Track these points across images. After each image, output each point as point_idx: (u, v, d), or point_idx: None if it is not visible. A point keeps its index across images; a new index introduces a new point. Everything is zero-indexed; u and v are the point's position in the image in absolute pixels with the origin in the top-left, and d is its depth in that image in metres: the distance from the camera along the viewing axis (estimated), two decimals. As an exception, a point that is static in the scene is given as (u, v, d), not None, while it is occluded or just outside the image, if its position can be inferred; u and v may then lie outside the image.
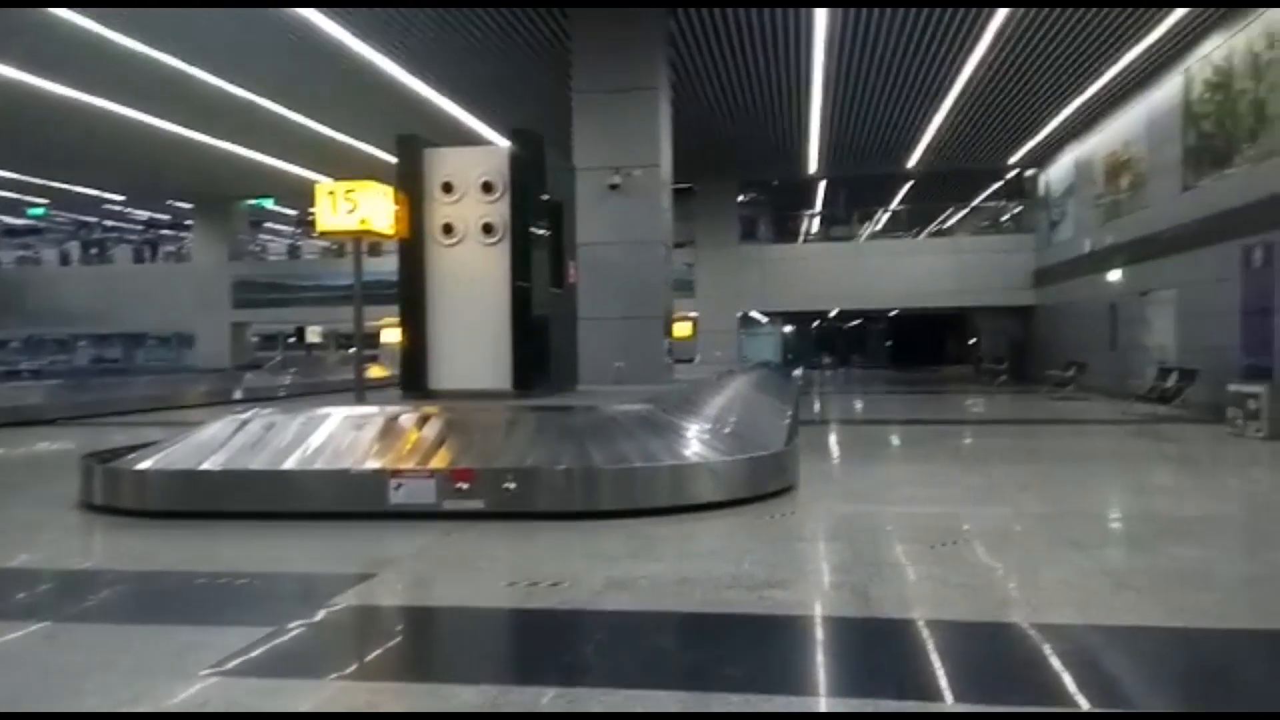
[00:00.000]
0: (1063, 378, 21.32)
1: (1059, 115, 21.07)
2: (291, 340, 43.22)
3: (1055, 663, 3.91)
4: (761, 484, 7.95)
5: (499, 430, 8.03)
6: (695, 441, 8.28)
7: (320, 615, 4.76)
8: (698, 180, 28.09)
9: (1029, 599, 4.95)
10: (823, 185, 31.34)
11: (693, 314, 29.09)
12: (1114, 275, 20.42)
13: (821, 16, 14.24)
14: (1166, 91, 17.38)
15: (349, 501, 7.31)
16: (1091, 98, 19.43)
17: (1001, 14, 14.22)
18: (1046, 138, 23.34)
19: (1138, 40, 15.82)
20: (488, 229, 9.94)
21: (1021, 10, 14.05)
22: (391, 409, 8.44)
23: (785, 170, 27.54)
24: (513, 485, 7.17)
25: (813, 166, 26.23)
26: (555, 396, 9.94)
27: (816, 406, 20.04)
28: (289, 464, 7.61)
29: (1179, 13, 14.45)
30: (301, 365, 32.56)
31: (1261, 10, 13.62)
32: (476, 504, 7.17)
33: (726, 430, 9.23)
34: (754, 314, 35.73)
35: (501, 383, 9.82)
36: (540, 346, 10.15)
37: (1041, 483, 8.98)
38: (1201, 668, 4.04)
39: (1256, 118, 14.01)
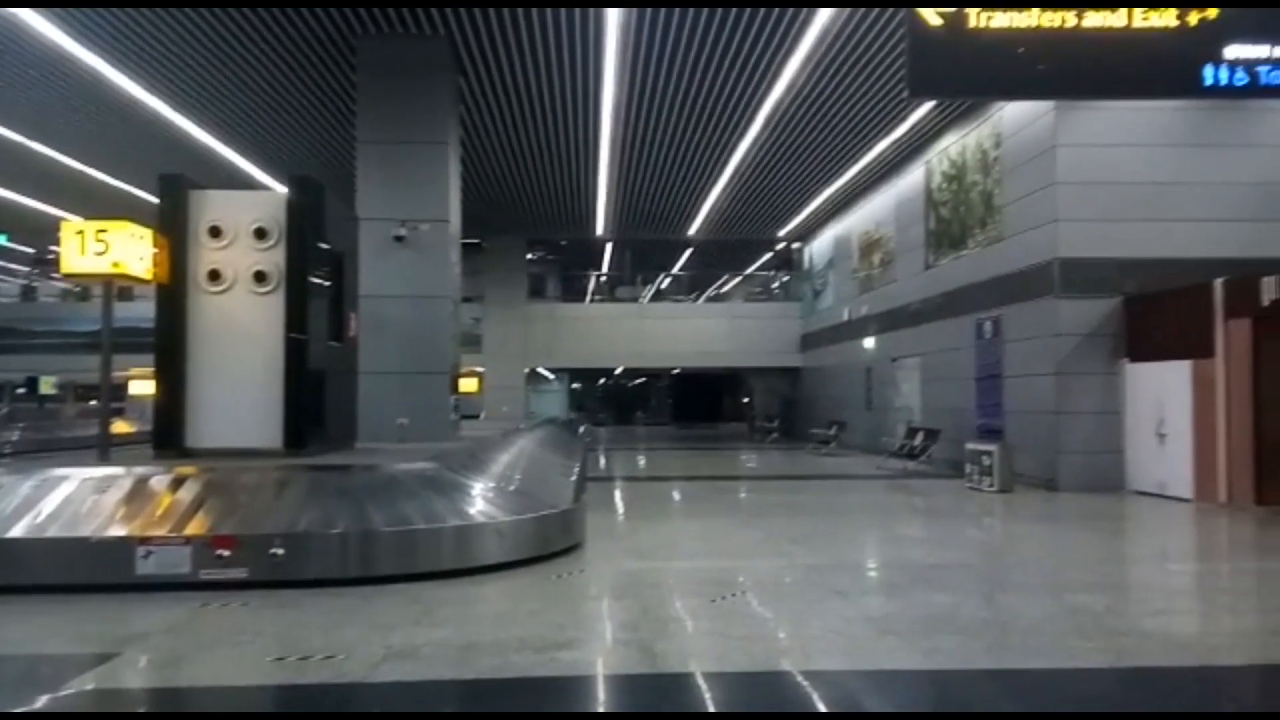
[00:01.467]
0: (826, 435, 22.90)
1: (821, 195, 22.97)
2: (21, 390, 38.41)
3: (823, 708, 4.11)
4: (549, 542, 7.89)
5: (267, 492, 7.48)
6: (481, 500, 8.11)
7: (45, 702, 4.17)
8: (487, 235, 28.07)
9: (801, 647, 5.19)
10: (610, 247, 32.27)
11: (479, 369, 28.77)
12: (869, 342, 22.31)
13: (610, 87, 14.79)
14: (911, 179, 19.43)
15: (88, 573, 6.52)
16: (849, 181, 21.37)
17: (771, 99, 15.38)
18: (810, 214, 25.36)
19: (887, 133, 17.62)
20: (260, 277, 9.37)
21: (790, 98, 15.28)
22: (141, 469, 7.65)
23: (574, 230, 28.13)
24: (281, 551, 6.69)
25: (600, 228, 27.00)
26: (331, 455, 9.43)
27: (602, 463, 20.28)
28: (15, 531, 6.70)
29: (923, 109, 16.25)
30: (33, 419, 28.95)
31: (992, 112, 15.59)
32: (239, 573, 6.62)
33: (513, 488, 9.12)
34: (542, 370, 35.88)
35: (270, 440, 9.19)
36: (315, 402, 9.63)
37: (810, 535, 9.52)
38: (953, 705, 4.39)
39: (985, 207, 15.94)
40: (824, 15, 12.07)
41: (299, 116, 16.62)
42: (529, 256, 31.19)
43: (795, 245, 30.32)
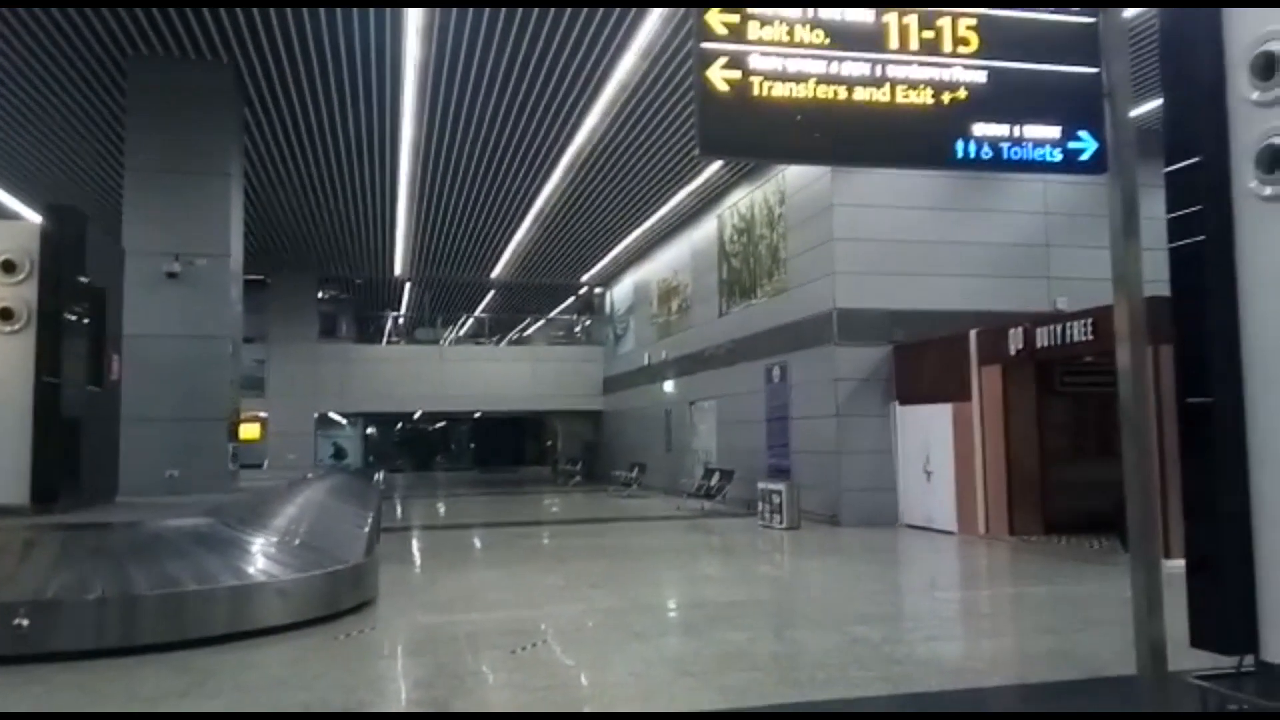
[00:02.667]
0: (627, 477, 23.24)
1: (622, 242, 23.57)
2: None
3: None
4: (338, 600, 7.46)
5: (9, 554, 6.63)
6: (261, 557, 7.57)
7: None
8: (275, 272, 26.61)
9: (601, 694, 5.18)
10: (409, 287, 31.46)
11: (263, 414, 27.02)
12: (668, 385, 22.97)
13: (408, 126, 14.53)
14: (706, 230, 20.33)
15: None
16: (649, 229, 22.06)
17: (573, 148, 15.67)
18: (612, 260, 25.93)
19: (683, 185, 18.38)
20: (6, 314, 8.40)
21: (591, 147, 15.62)
22: None
23: (370, 269, 27.23)
24: (25, 622, 5.93)
25: (399, 268, 26.27)
26: (87, 511, 8.51)
27: (399, 511, 19.52)
28: None
29: (715, 166, 17.09)
30: None
31: (777, 171, 16.61)
32: (-30, 650, 5.80)
33: (298, 542, 8.58)
34: (334, 415, 34.19)
35: (15, 496, 8.19)
36: (70, 452, 8.68)
37: (611, 579, 9.57)
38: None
39: (772, 259, 16.91)
40: (623, 69, 12.48)
41: (60, 140, 15.16)
42: (320, 295, 29.80)
43: (598, 290, 30.85)
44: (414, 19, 10.97)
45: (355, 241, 23.11)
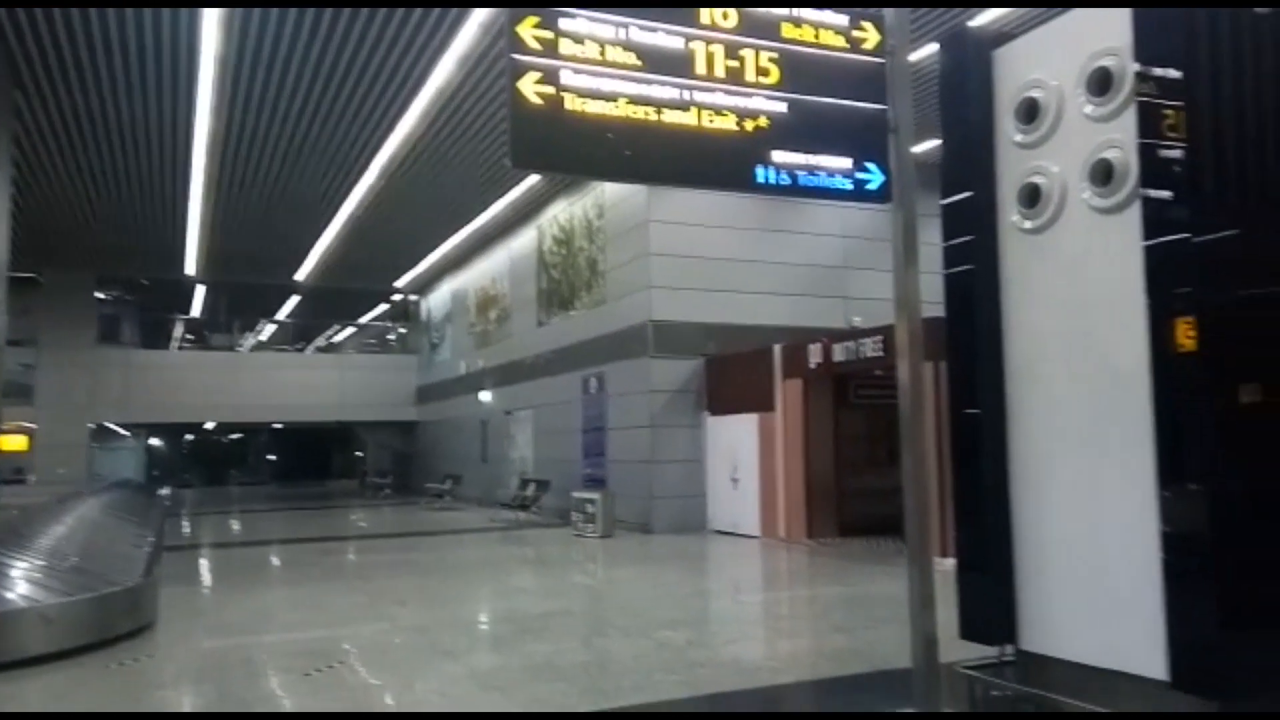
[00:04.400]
0: (441, 489, 22.70)
1: (439, 249, 23.08)
2: None
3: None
4: (112, 625, 6.84)
5: None
6: (21, 581, 6.83)
7: None
8: (47, 269, 24.15)
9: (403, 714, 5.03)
10: (203, 289, 29.36)
11: (30, 425, 24.40)
12: (485, 395, 22.66)
13: (204, 119, 13.60)
14: (525, 240, 20.27)
15: None
16: (467, 237, 21.73)
17: (387, 151, 15.21)
18: (429, 268, 25.34)
19: (502, 194, 18.25)
20: None
21: (406, 151, 15.22)
22: None
23: (158, 268, 25.22)
24: None
25: (192, 268, 24.41)
26: None
27: (186, 529, 18.16)
28: None
29: (534, 177, 17.07)
30: None
31: (595, 186, 16.81)
32: None
33: (67, 565, 7.81)
34: (113, 426, 31.32)
35: None
36: None
37: (419, 595, 9.31)
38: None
39: (591, 271, 17.09)
40: (441, 75, 12.24)
41: None
42: (99, 295, 27.22)
43: (413, 297, 30.00)
44: (211, 12, 10.31)
45: (142, 238, 21.32)
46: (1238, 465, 3.97)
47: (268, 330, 34.28)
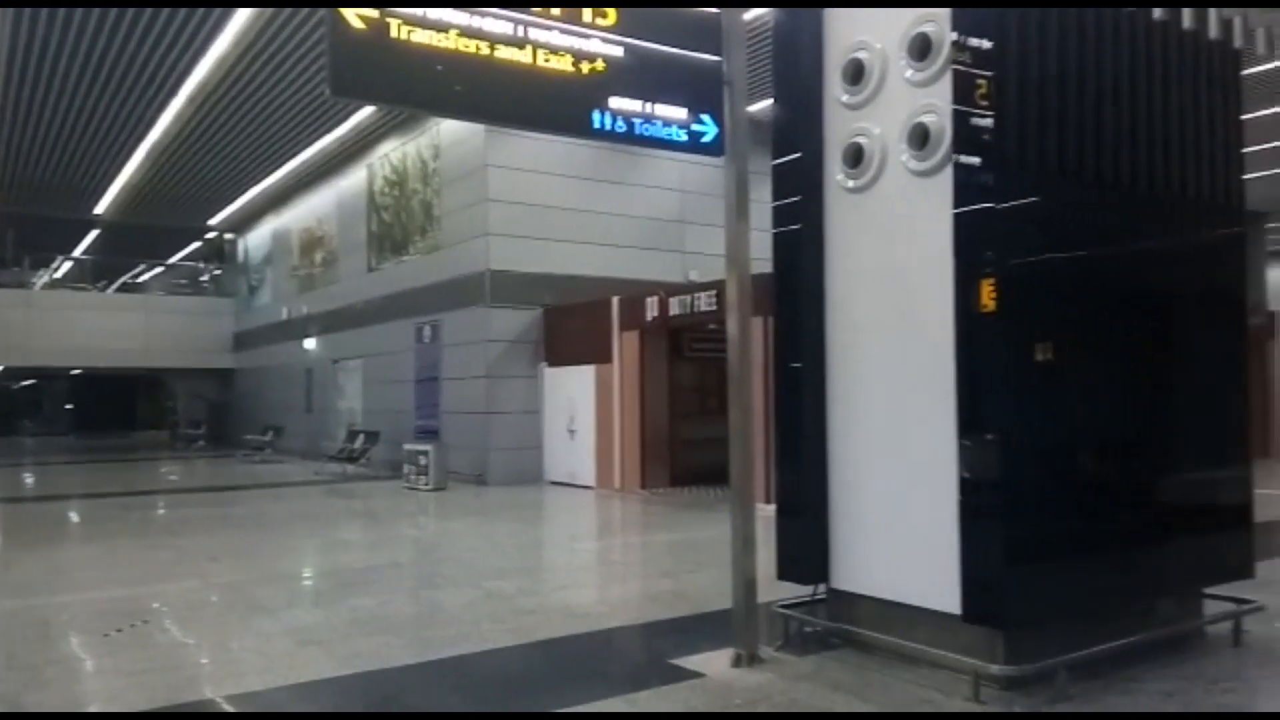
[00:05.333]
0: (261, 442, 21.59)
1: (259, 185, 21.65)
2: None
3: (237, 737, 3.83)
4: None
5: None
6: None
7: None
8: None
9: (218, 672, 4.79)
10: (-15, 220, 26.37)
11: None
12: (310, 343, 21.62)
13: (-15, 23, 12.08)
14: (355, 179, 19.32)
15: None
16: (290, 173, 20.46)
17: (198, 75, 14.02)
18: (247, 204, 23.74)
19: (329, 129, 17.26)
20: None
21: (220, 76, 14.09)
22: None
23: (-70, 195, 22.44)
24: None
25: (-30, 196, 21.89)
26: None
27: (-33, 485, 16.48)
28: None
29: (365, 111, 16.25)
30: None
31: (430, 125, 16.18)
32: None
33: None
34: (-125, 370, 27.85)
35: None
36: None
37: (233, 550, 8.86)
38: (378, 704, 4.41)
39: (425, 215, 16.52)
40: (261, -5, 11.37)
41: None
42: None
43: (229, 236, 28.08)
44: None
45: (-92, 158, 18.88)
46: (1030, 416, 4.32)
47: (64, 268, 31.20)
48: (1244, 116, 5.40)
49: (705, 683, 4.44)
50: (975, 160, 4.22)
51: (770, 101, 5.26)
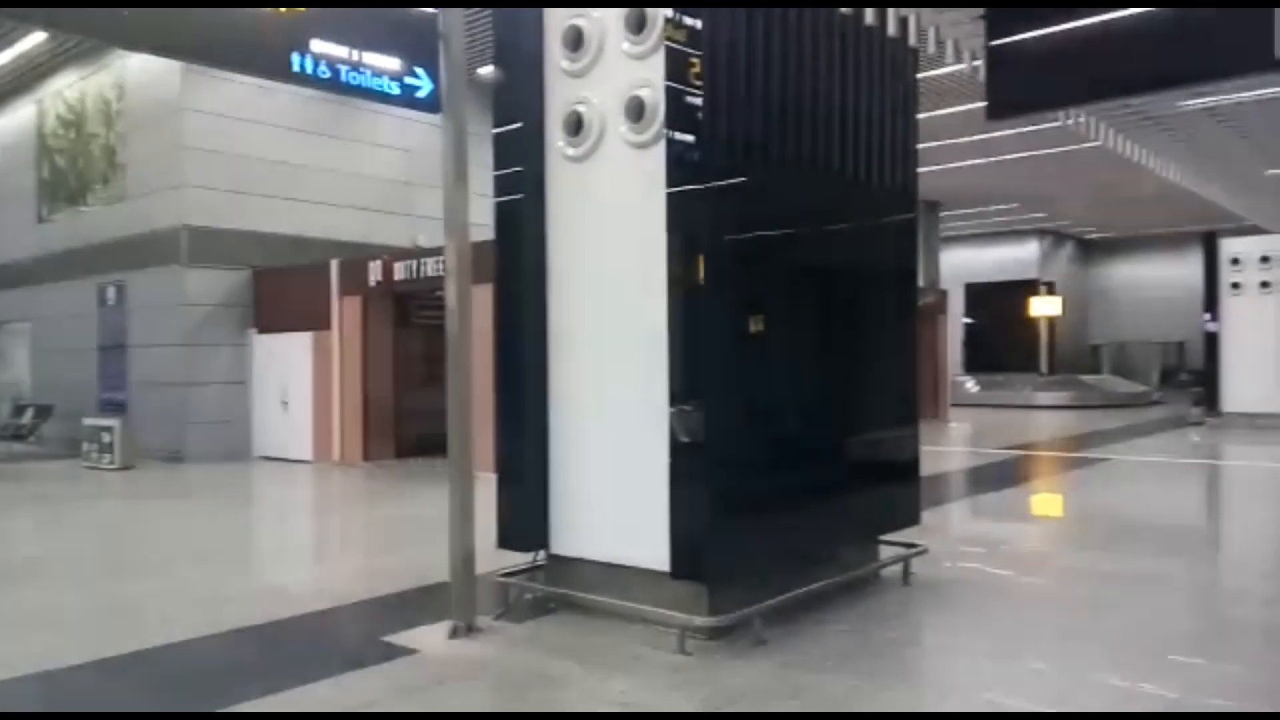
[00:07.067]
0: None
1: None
2: None
3: None
4: None
5: None
6: None
7: None
8: None
9: None
10: None
11: None
12: (-37, 303, 18.50)
13: None
14: (21, 117, 16.68)
15: None
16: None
17: None
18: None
19: (-13, 55, 14.80)
20: None
21: None
22: None
23: None
24: None
25: None
26: None
27: None
28: None
29: (34, 39, 14.06)
30: None
31: (113, 59, 14.28)
32: None
33: None
34: None
35: None
36: None
37: None
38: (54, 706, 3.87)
39: (108, 162, 14.62)
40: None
41: None
42: None
43: None
44: None
45: None
46: (733, 384, 4.58)
47: None
48: (924, 115, 6.03)
49: (419, 658, 4.33)
50: (689, 138, 4.37)
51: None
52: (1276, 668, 4.18)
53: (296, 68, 3.70)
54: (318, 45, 3.76)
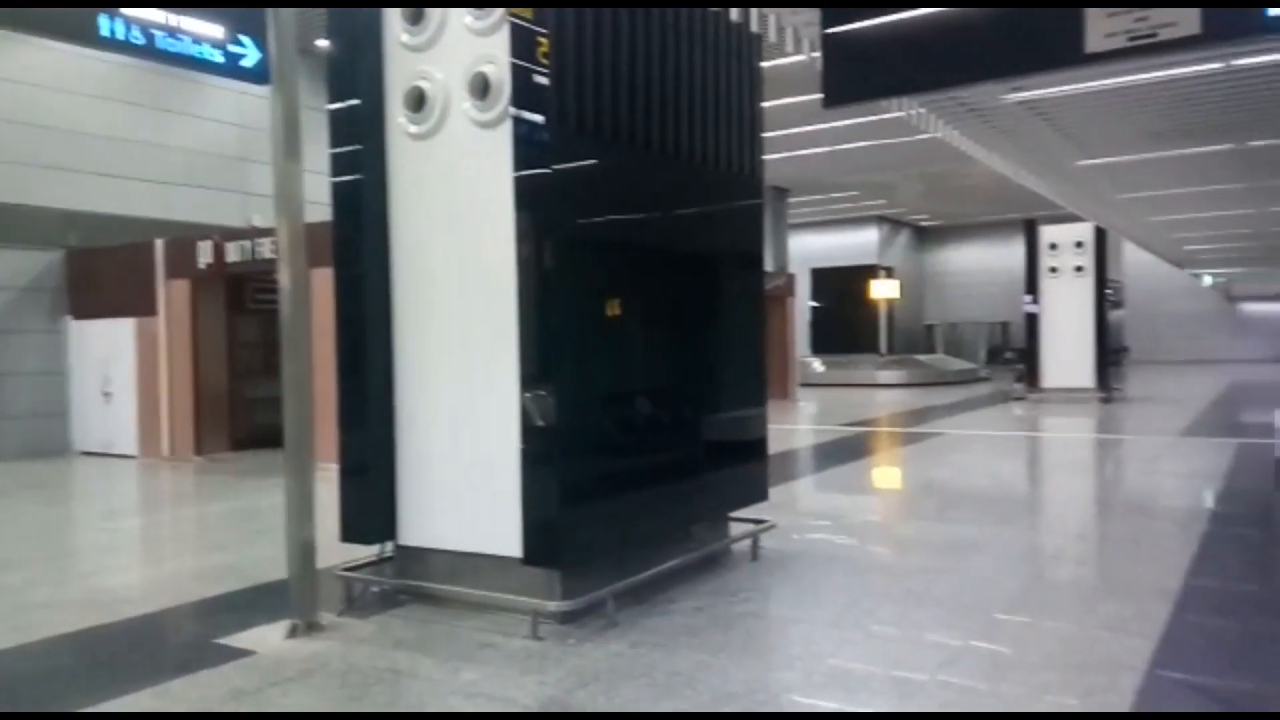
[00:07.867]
0: None
1: None
2: None
3: None
4: None
5: None
6: None
7: None
8: None
9: None
10: None
11: None
12: None
13: None
14: None
15: None
16: None
17: None
18: None
19: None
20: None
21: None
22: None
23: None
24: None
25: None
26: None
27: None
28: None
29: None
30: None
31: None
32: None
33: None
34: None
35: None
36: None
37: None
38: None
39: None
40: None
41: None
42: None
43: None
44: None
45: None
46: (584, 368, 4.55)
47: None
48: (770, 103, 6.16)
49: (255, 660, 4.10)
50: (536, 118, 4.29)
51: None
52: (1091, 621, 4.54)
53: (105, 32, 3.39)
54: (131, 9, 3.45)
